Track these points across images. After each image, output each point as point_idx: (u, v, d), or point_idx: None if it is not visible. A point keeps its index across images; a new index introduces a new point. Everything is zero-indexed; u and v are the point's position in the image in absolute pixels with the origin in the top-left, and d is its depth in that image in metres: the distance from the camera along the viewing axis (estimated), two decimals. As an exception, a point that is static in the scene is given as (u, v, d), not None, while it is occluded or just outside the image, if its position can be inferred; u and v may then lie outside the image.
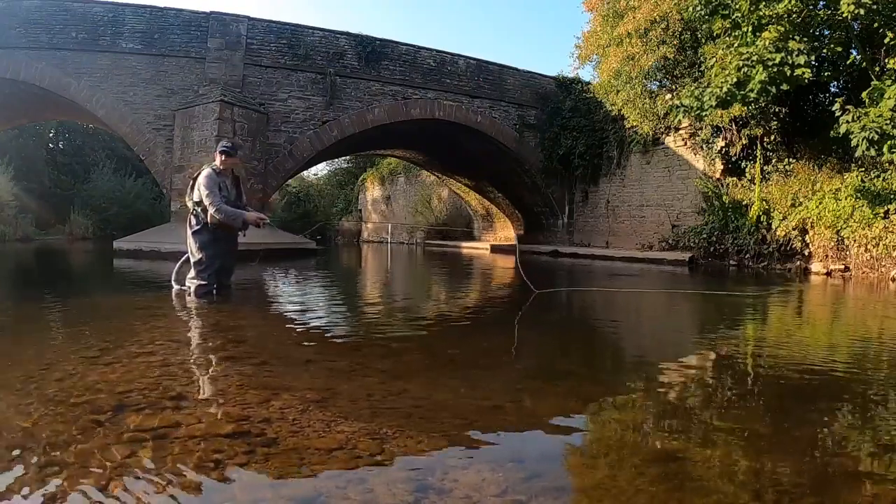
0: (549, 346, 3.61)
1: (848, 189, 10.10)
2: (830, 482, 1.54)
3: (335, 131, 14.75)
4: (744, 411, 2.26)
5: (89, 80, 13.03)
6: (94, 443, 1.64)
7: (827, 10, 9.56)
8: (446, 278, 9.75)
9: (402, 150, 21.88)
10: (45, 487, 1.37)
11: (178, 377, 2.43)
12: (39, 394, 2.10)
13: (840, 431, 2.01)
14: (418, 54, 15.89)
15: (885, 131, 8.42)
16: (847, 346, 3.84)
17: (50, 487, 1.37)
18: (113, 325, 3.75)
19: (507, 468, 1.56)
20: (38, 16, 12.86)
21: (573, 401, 2.28)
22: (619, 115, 15.33)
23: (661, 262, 13.07)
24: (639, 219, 15.94)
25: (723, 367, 3.09)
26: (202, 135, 12.51)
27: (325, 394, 2.18)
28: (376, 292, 7.37)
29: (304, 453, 1.61)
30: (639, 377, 2.78)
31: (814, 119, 12.00)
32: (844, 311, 5.93)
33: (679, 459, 1.66)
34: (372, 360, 2.91)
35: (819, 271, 10.21)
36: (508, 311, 5.82)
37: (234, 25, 13.60)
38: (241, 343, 3.18)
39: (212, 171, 4.82)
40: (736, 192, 12.54)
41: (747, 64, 9.74)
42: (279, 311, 4.90)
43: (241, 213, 4.84)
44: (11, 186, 18.78)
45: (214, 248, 4.83)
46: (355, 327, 4.30)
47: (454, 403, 2.15)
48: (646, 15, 12.97)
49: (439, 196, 27.02)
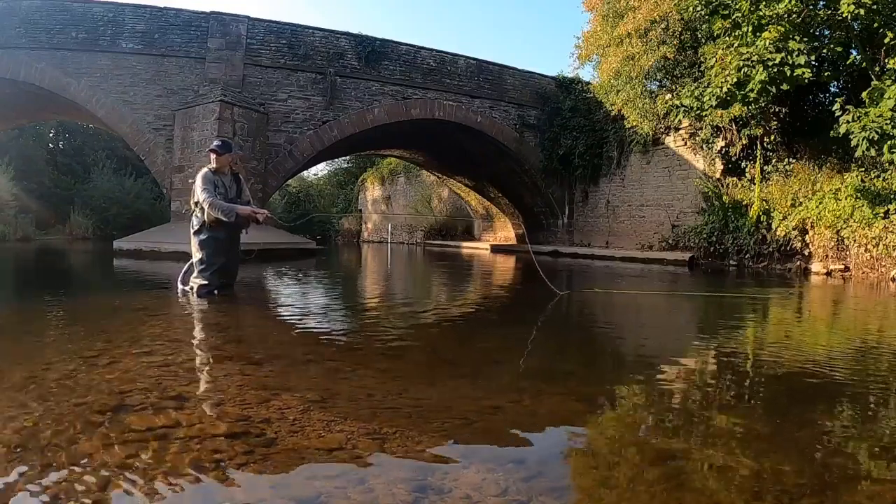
0: (555, 347, 3.61)
1: (848, 189, 10.10)
2: (830, 482, 1.54)
3: (335, 131, 14.75)
4: (743, 411, 2.26)
5: (89, 80, 13.04)
6: (95, 443, 1.64)
7: (827, 10, 9.56)
8: (446, 278, 9.75)
9: (402, 150, 21.88)
10: (46, 487, 1.37)
11: (178, 377, 2.43)
12: (39, 394, 2.09)
13: (840, 431, 2.01)
14: (418, 54, 15.89)
15: (885, 131, 8.42)
16: (847, 346, 3.84)
17: (50, 487, 1.37)
18: (113, 325, 3.75)
19: (507, 468, 1.56)
20: (38, 16, 12.86)
21: (574, 401, 2.28)
22: (619, 115, 15.34)
23: (661, 262, 13.07)
24: (639, 219, 15.94)
25: (723, 366, 3.09)
26: (202, 135, 12.50)
27: (325, 394, 2.18)
28: (376, 292, 7.37)
29: (304, 453, 1.61)
30: (638, 377, 2.78)
31: (814, 119, 12.00)
32: (844, 312, 5.93)
33: (679, 459, 1.66)
34: (372, 360, 2.91)
35: (819, 271, 10.21)
36: (508, 310, 5.82)
37: (234, 25, 13.60)
38: (241, 343, 3.18)
39: (207, 170, 4.86)
40: (736, 192, 12.54)
41: (747, 64, 9.75)
42: (279, 311, 4.89)
43: (233, 207, 4.78)
44: (11, 186, 18.79)
45: (214, 247, 4.81)
46: (355, 327, 4.30)
47: (454, 403, 2.15)
48: (646, 15, 12.97)
49: (439, 196, 27.03)
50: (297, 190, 39.75)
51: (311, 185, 40.77)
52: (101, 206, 22.95)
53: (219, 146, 5.00)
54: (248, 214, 4.87)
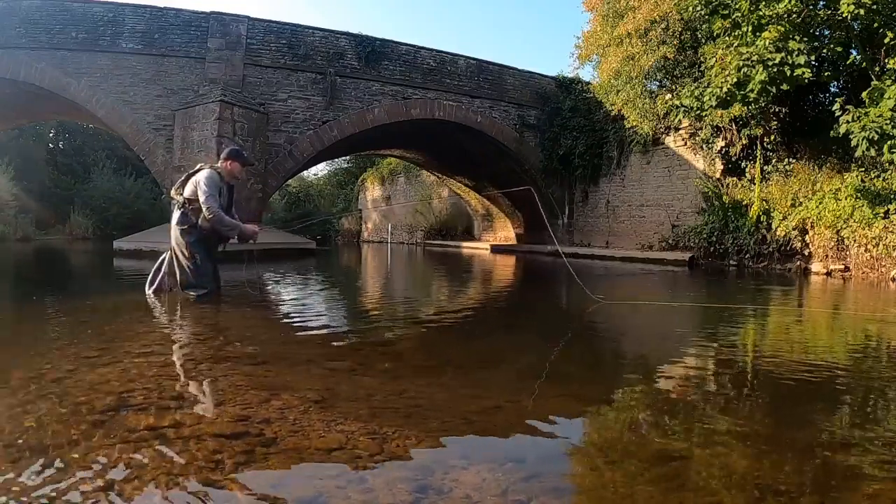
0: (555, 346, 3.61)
1: (848, 189, 10.09)
2: (830, 482, 1.54)
3: (335, 131, 14.75)
4: (744, 411, 2.26)
5: (89, 80, 13.03)
6: (94, 443, 1.64)
7: (827, 10, 9.56)
8: (447, 279, 9.75)
9: (402, 150, 21.87)
10: (46, 487, 1.37)
11: (178, 377, 2.43)
12: (39, 394, 2.09)
13: (840, 431, 2.01)
14: (418, 54, 15.89)
15: (885, 131, 8.42)
16: (847, 346, 3.84)
17: (50, 487, 1.37)
18: (113, 325, 3.75)
19: (507, 468, 1.56)
20: (38, 16, 12.86)
21: (573, 401, 2.28)
22: (619, 115, 15.33)
23: (661, 262, 13.07)
24: (639, 219, 15.94)
25: (724, 366, 3.09)
26: (202, 135, 12.51)
27: (325, 394, 2.18)
28: (376, 292, 7.37)
29: (304, 453, 1.61)
30: (638, 377, 2.78)
31: (814, 119, 12.00)
32: (845, 311, 5.93)
33: (679, 459, 1.66)
34: (372, 360, 2.92)
35: (819, 271, 10.21)
36: (509, 310, 5.82)
37: (234, 25, 13.60)
38: (240, 343, 3.18)
39: (216, 173, 4.58)
40: (736, 192, 12.54)
41: (747, 64, 9.74)
42: (279, 311, 4.89)
43: (238, 225, 4.62)
44: (11, 186, 18.80)
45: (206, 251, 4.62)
46: (355, 327, 4.30)
47: (454, 403, 2.15)
48: (646, 15, 12.97)
49: (439, 196, 27.03)
50: (297, 190, 39.78)
51: (311, 185, 40.79)
52: (101, 206, 22.98)
53: (246, 156, 4.79)
54: (250, 235, 4.69)
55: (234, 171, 4.73)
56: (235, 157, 4.73)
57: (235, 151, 4.80)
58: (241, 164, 4.75)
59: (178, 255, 4.65)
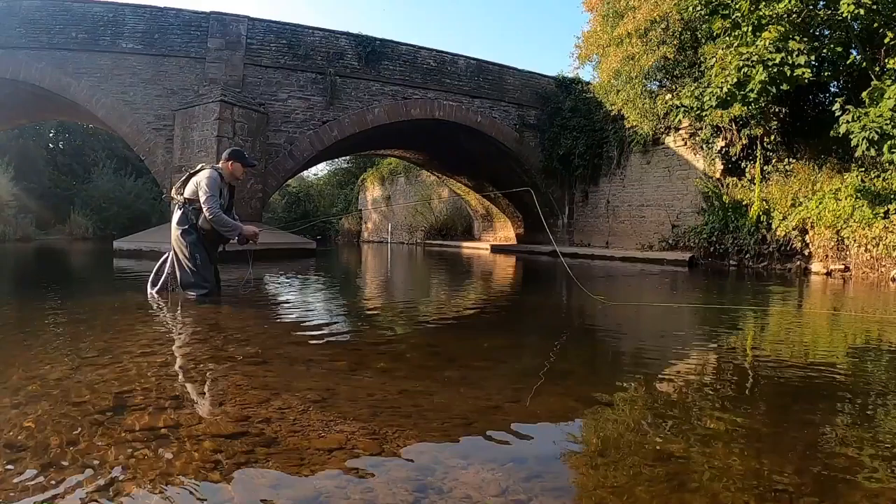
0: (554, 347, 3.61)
1: (848, 189, 10.10)
2: (831, 482, 1.54)
3: (335, 131, 14.76)
4: (744, 411, 2.25)
5: (89, 80, 13.04)
6: (94, 443, 1.64)
7: (827, 10, 9.56)
8: (446, 279, 9.74)
9: (402, 150, 21.88)
10: (45, 488, 1.37)
11: (178, 377, 2.43)
12: (39, 394, 2.09)
13: (840, 431, 2.01)
14: (418, 54, 15.89)
15: (885, 131, 8.42)
16: (847, 346, 3.84)
17: (50, 488, 1.37)
18: (113, 325, 3.75)
19: (507, 468, 1.56)
20: (38, 16, 12.87)
21: (573, 401, 2.28)
22: (619, 115, 15.34)
23: (661, 262, 13.07)
24: (639, 219, 15.94)
25: (724, 366, 3.09)
26: (202, 135, 12.52)
27: (325, 394, 2.18)
28: (376, 292, 7.37)
29: (304, 453, 1.61)
30: (639, 377, 2.78)
31: (814, 119, 12.00)
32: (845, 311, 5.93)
33: (679, 459, 1.66)
34: (372, 360, 2.91)
35: (819, 271, 10.21)
36: (508, 310, 5.82)
37: (234, 25, 13.61)
38: (240, 343, 3.18)
39: (218, 174, 4.59)
40: (736, 192, 12.54)
41: (747, 64, 9.74)
42: (279, 311, 4.89)
43: (238, 226, 4.64)
44: (11, 186, 18.81)
45: (206, 247, 4.65)
46: (355, 327, 4.29)
47: (454, 403, 2.15)
48: (646, 15, 12.98)
49: (439, 196, 27.03)
50: (297, 190, 39.79)
51: (311, 185, 40.80)
52: (101, 206, 23.01)
53: (252, 159, 4.80)
54: (251, 236, 4.69)
55: (236, 172, 4.75)
56: (237, 158, 4.74)
57: (237, 152, 4.81)
58: (242, 165, 4.77)
59: (178, 255, 4.69)
